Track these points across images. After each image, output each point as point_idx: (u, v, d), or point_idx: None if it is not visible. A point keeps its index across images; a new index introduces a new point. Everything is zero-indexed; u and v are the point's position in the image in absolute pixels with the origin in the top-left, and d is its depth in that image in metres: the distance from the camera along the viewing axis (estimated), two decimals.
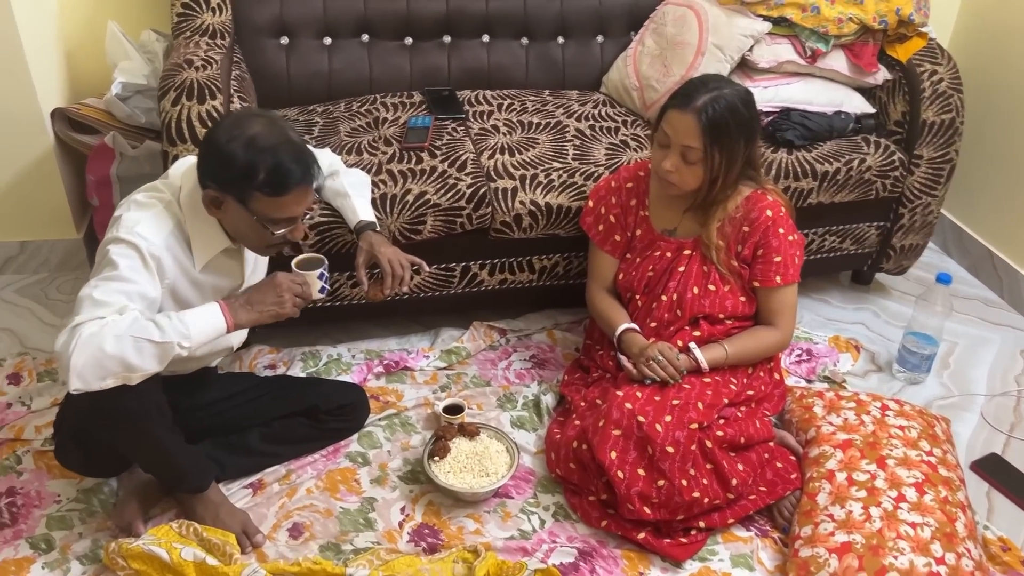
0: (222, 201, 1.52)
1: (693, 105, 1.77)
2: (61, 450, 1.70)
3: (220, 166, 1.49)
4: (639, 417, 1.75)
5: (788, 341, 1.99)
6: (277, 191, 1.50)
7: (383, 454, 1.96)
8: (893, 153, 2.33)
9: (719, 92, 1.78)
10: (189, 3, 2.20)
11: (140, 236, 1.48)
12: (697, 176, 1.83)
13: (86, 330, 1.36)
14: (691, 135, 1.78)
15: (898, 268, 2.55)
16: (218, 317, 1.52)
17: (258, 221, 1.53)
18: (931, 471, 1.79)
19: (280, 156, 1.49)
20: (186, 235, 1.57)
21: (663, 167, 1.83)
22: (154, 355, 1.42)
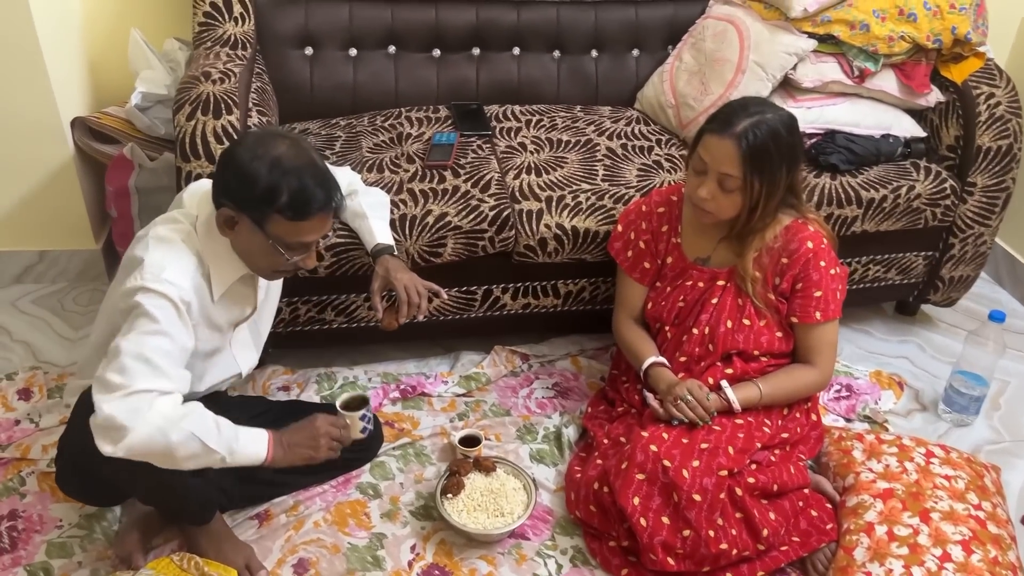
0: (237, 221, 1.46)
1: (732, 130, 1.66)
2: (61, 476, 1.65)
3: (241, 185, 1.42)
4: (665, 461, 1.65)
5: (827, 381, 1.87)
6: (298, 215, 1.43)
7: (395, 486, 1.88)
8: (944, 180, 2.20)
9: (761, 117, 1.67)
10: (211, 12, 2.14)
11: (170, 283, 1.41)
12: (735, 205, 1.72)
13: (158, 410, 1.34)
14: (730, 162, 1.67)
15: (946, 300, 2.41)
16: (262, 447, 1.49)
17: (273, 245, 1.47)
18: (979, 527, 1.67)
19: (305, 179, 1.42)
20: (206, 267, 1.51)
21: (698, 195, 1.72)
22: (198, 460, 1.40)
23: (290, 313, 2.03)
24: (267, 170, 1.41)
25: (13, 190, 2.35)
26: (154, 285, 1.39)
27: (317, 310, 2.04)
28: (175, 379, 1.40)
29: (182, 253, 1.47)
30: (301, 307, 2.03)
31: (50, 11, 2.20)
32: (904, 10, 2.17)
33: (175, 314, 1.41)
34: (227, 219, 1.46)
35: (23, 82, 2.18)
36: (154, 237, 1.47)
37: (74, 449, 1.54)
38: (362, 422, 1.71)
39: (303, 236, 1.47)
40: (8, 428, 1.96)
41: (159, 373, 1.37)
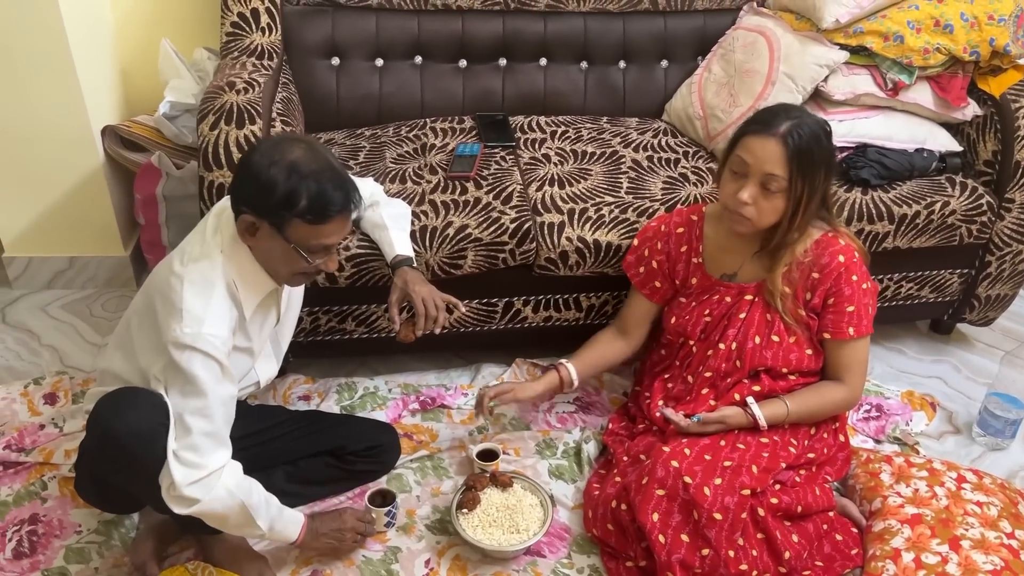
0: (257, 228, 1.46)
1: (777, 130, 1.63)
2: (80, 482, 1.66)
3: (259, 192, 1.42)
4: (686, 478, 1.62)
5: (857, 400, 1.83)
6: (319, 218, 1.43)
7: (412, 499, 1.86)
8: (981, 196, 2.14)
9: (801, 119, 1.65)
10: (239, 23, 2.16)
11: (212, 337, 1.42)
12: (776, 210, 1.68)
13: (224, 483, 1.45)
14: (776, 162, 1.63)
15: (983, 319, 2.34)
16: (296, 531, 1.61)
17: (295, 249, 1.47)
18: (1012, 557, 1.61)
19: (323, 183, 1.42)
20: (235, 290, 1.51)
21: (739, 198, 1.67)
22: (242, 530, 1.54)
23: (311, 323, 2.03)
24: (284, 176, 1.40)
25: (44, 197, 2.39)
26: (198, 344, 1.41)
27: (338, 320, 2.04)
28: (229, 448, 1.49)
29: (217, 295, 1.46)
30: (322, 317, 2.03)
31: (82, 21, 2.23)
32: (940, 21, 2.11)
33: (220, 370, 1.45)
34: (248, 226, 1.46)
35: (55, 92, 2.22)
36: (189, 283, 1.45)
37: (90, 457, 1.55)
38: (387, 517, 1.76)
39: (324, 239, 1.47)
40: (33, 432, 1.98)
41: (223, 442, 1.47)
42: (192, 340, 1.41)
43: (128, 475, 1.47)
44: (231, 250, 1.51)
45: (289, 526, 1.58)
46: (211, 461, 1.43)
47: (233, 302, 1.50)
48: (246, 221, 1.45)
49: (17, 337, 2.33)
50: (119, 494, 1.59)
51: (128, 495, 1.60)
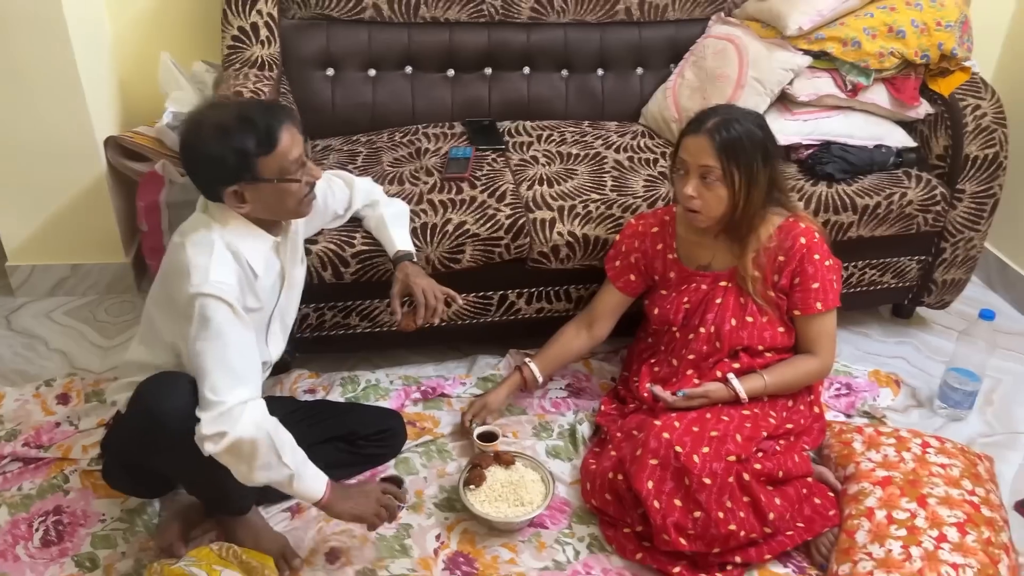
0: (242, 192, 1.57)
1: (705, 127, 1.80)
2: (108, 470, 1.75)
3: (216, 168, 1.53)
4: (677, 447, 1.75)
5: (828, 369, 1.98)
6: (273, 144, 1.53)
7: (419, 481, 1.97)
8: (935, 188, 2.32)
9: (729, 115, 1.82)
10: (239, 36, 2.27)
11: (220, 285, 1.51)
12: (720, 199, 1.83)
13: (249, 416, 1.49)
14: (706, 155, 1.79)
15: (940, 303, 2.52)
16: (322, 486, 1.61)
17: (279, 181, 1.57)
18: (974, 511, 1.76)
19: (250, 120, 1.53)
20: (240, 254, 1.60)
21: (685, 193, 1.84)
22: (269, 472, 1.54)
23: (317, 318, 2.13)
24: (219, 142, 1.51)
25: (48, 207, 2.47)
26: (207, 289, 1.50)
27: (343, 315, 2.15)
28: (255, 377, 1.55)
29: (219, 250, 1.56)
30: (327, 312, 2.13)
31: (85, 36, 2.32)
32: (893, 28, 2.30)
33: (232, 312, 1.52)
34: (235, 196, 1.56)
35: (61, 106, 2.30)
36: (192, 244, 1.57)
37: (127, 441, 1.64)
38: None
39: (290, 155, 1.56)
40: (49, 430, 2.06)
41: (243, 380, 1.51)
42: (201, 288, 1.50)
43: (168, 455, 1.56)
44: (222, 219, 1.61)
45: (315, 481, 1.61)
46: (231, 397, 1.48)
47: (237, 260, 1.59)
48: (230, 194, 1.56)
49: (24, 342, 2.40)
50: (152, 477, 1.69)
51: (160, 477, 1.69)
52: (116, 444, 1.68)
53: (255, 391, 1.54)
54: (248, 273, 1.61)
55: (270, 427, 1.52)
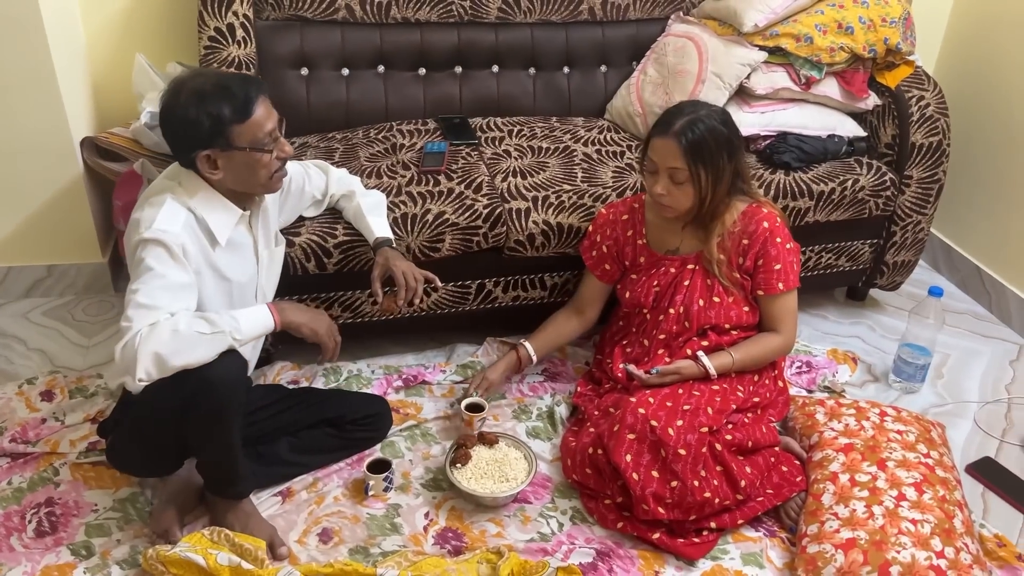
0: (215, 159, 1.63)
1: (672, 130, 1.89)
2: (114, 451, 1.79)
3: (191, 131, 1.60)
4: (652, 421, 1.84)
5: (791, 344, 2.09)
6: (245, 114, 1.60)
7: (405, 463, 2.04)
8: (884, 174, 2.46)
9: (695, 115, 1.91)
10: (216, 36, 2.31)
11: (160, 230, 1.58)
12: (688, 195, 1.94)
13: (151, 328, 1.51)
14: (674, 157, 1.89)
15: (891, 284, 2.67)
16: (267, 315, 1.67)
17: (252, 150, 1.63)
18: (929, 472, 1.88)
19: (228, 88, 1.60)
20: (200, 219, 1.67)
21: (655, 192, 1.95)
22: (209, 345, 1.56)
23: None
24: (196, 106, 1.58)
25: (24, 208, 2.48)
26: (147, 234, 1.57)
27: (325, 306, 2.21)
28: (170, 307, 1.55)
29: (170, 206, 1.62)
30: (309, 304, 2.19)
31: (61, 38, 2.35)
32: (842, 24, 2.43)
33: (168, 256, 1.58)
34: (208, 161, 1.63)
35: (39, 107, 2.32)
36: (146, 201, 1.65)
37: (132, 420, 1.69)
38: (385, 482, 1.92)
39: (263, 126, 1.63)
40: (36, 426, 2.07)
41: (153, 310, 1.54)
42: (143, 234, 1.57)
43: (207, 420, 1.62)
44: (190, 187, 1.67)
45: (255, 314, 1.66)
46: (137, 324, 1.51)
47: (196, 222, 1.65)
48: (202, 158, 1.62)
49: (3, 343, 2.41)
50: (165, 452, 1.74)
51: (174, 452, 1.76)
52: (131, 420, 1.71)
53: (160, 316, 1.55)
54: (205, 236, 1.68)
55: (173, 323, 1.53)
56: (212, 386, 1.58)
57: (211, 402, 1.60)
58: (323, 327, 1.77)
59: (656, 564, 1.81)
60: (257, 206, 1.80)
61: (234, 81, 1.65)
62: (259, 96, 1.64)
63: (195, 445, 1.71)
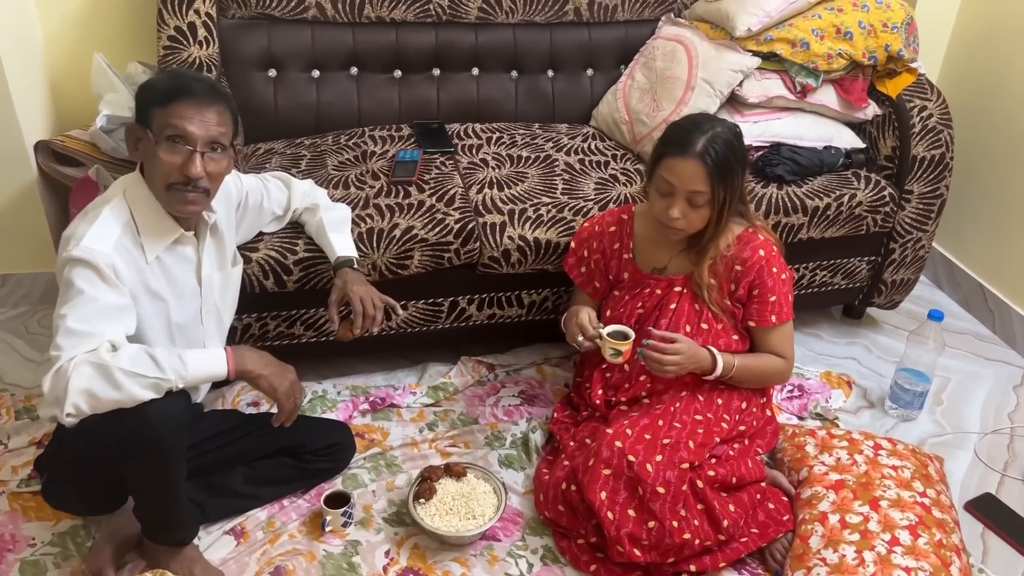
0: (139, 137, 1.55)
1: (694, 150, 1.74)
2: (50, 488, 1.66)
3: (138, 97, 1.55)
4: (629, 456, 1.72)
5: (790, 370, 1.97)
6: (168, 98, 1.51)
7: (368, 495, 1.92)
8: (883, 188, 2.33)
9: (713, 131, 1.77)
10: (176, 36, 2.18)
11: (89, 249, 1.47)
12: (703, 218, 1.82)
13: (84, 359, 1.39)
14: (698, 180, 1.75)
15: (889, 303, 2.54)
16: (220, 360, 1.54)
17: (155, 141, 1.52)
18: (925, 513, 1.76)
19: (183, 75, 1.58)
20: (138, 234, 1.57)
21: (670, 216, 1.79)
22: (150, 388, 1.44)
23: (260, 328, 2.06)
24: (157, 77, 1.58)
25: None
26: (75, 253, 1.46)
27: (286, 325, 2.08)
28: (106, 335, 1.44)
29: (103, 221, 1.52)
30: (271, 322, 2.06)
31: (11, 36, 2.22)
32: (841, 29, 2.30)
33: (97, 276, 1.47)
34: (132, 138, 1.56)
35: None
36: (81, 214, 1.56)
37: (70, 456, 1.57)
38: (344, 517, 1.80)
39: (173, 121, 1.50)
40: None
41: (86, 337, 1.42)
42: (71, 253, 1.47)
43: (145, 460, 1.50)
44: (132, 189, 1.59)
45: (207, 364, 1.53)
46: (67, 353, 1.41)
47: (131, 237, 1.56)
48: (130, 132, 1.56)
49: None
50: (103, 491, 1.63)
51: (112, 491, 1.65)
52: (65, 457, 1.59)
53: (95, 343, 1.43)
54: (139, 252, 1.58)
55: (112, 359, 1.41)
56: (151, 425, 1.46)
57: (150, 442, 1.47)
58: (284, 385, 1.62)
59: None
60: (205, 225, 1.68)
61: (193, 76, 1.60)
62: (201, 97, 1.52)
63: (133, 486, 1.58)
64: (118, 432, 1.46)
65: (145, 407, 1.45)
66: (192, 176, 1.53)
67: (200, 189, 1.56)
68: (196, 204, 1.59)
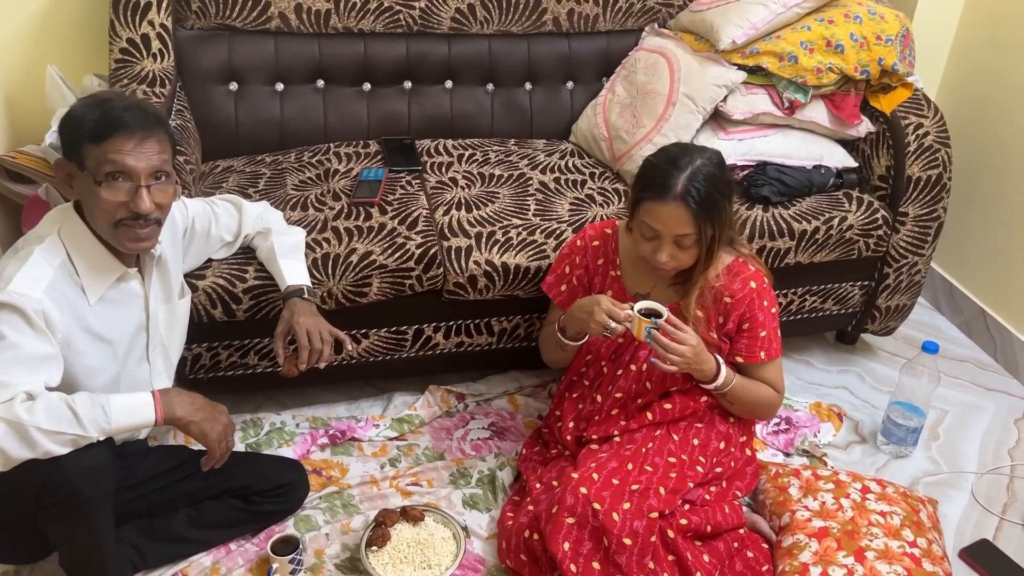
0: (72, 175, 1.45)
1: (675, 193, 1.62)
2: None
3: (64, 131, 1.45)
4: (595, 504, 1.60)
5: (780, 404, 1.88)
6: (100, 137, 1.41)
7: (320, 538, 1.80)
8: (877, 210, 2.20)
9: (692, 167, 1.64)
10: (128, 49, 2.08)
11: (17, 294, 1.38)
12: (692, 256, 1.71)
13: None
14: (683, 224, 1.64)
15: (884, 329, 2.41)
16: (147, 407, 1.45)
17: (92, 181, 1.41)
18: (914, 565, 1.65)
19: (110, 105, 1.44)
20: (77, 275, 1.48)
21: (658, 260, 1.68)
22: (67, 442, 1.36)
23: (211, 358, 1.95)
24: (81, 107, 1.44)
25: None
26: (2, 297, 1.37)
27: (239, 355, 1.97)
28: (21, 385, 1.35)
29: (34, 262, 1.43)
30: (222, 352, 1.95)
31: None
32: (831, 42, 2.17)
33: (25, 324, 1.38)
34: (63, 174, 1.46)
35: None
36: (11, 252, 1.46)
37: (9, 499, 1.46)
38: (292, 564, 1.69)
39: (111, 155, 1.41)
40: None
41: (5, 387, 1.34)
42: None
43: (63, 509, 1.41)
44: (67, 227, 1.49)
45: (132, 411, 1.43)
46: None
47: (68, 278, 1.47)
48: (59, 167, 1.46)
49: None
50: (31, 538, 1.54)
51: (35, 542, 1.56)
52: None
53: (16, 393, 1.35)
54: (78, 294, 1.48)
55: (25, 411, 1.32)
56: (66, 476, 1.36)
57: (66, 493, 1.38)
58: (215, 431, 1.53)
59: None
60: (151, 259, 1.59)
61: (123, 102, 1.46)
62: (136, 128, 1.42)
63: (52, 539, 1.48)
64: (32, 485, 1.37)
65: (60, 458, 1.35)
66: (141, 212, 1.44)
67: (152, 221, 1.47)
68: (150, 239, 1.50)
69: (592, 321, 1.69)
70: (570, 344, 1.83)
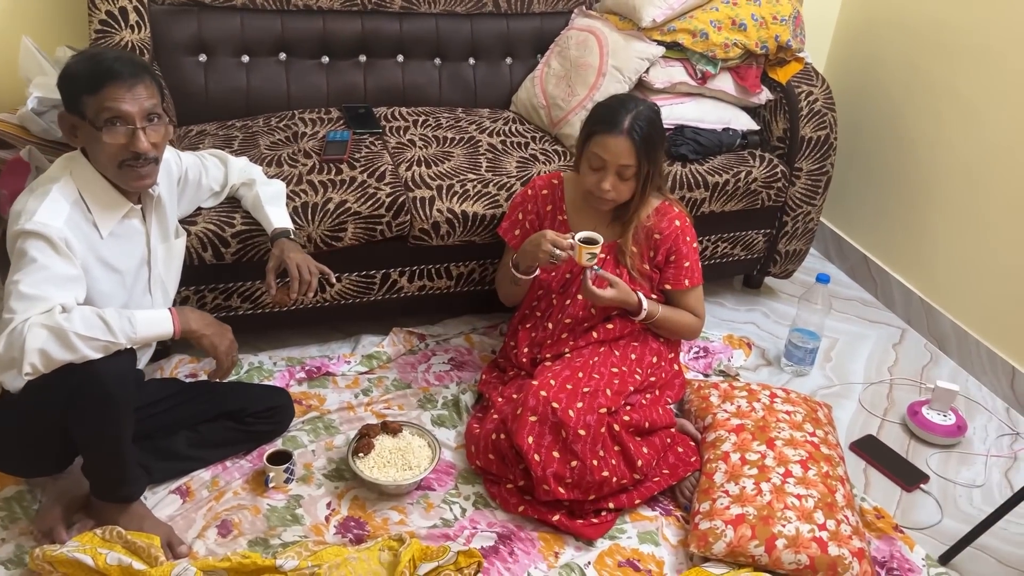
0: (75, 125, 1.60)
1: (623, 127, 1.92)
2: None
3: (63, 86, 1.59)
4: (554, 403, 1.88)
5: (701, 328, 2.19)
6: (95, 88, 1.56)
7: (308, 454, 2.02)
8: (776, 166, 2.56)
9: (637, 110, 1.95)
10: (107, 20, 2.24)
11: (42, 224, 1.54)
12: (630, 189, 2.00)
13: (37, 320, 1.47)
14: (627, 155, 1.93)
15: (784, 272, 2.78)
16: (167, 320, 1.64)
17: (94, 128, 1.57)
18: (814, 450, 1.98)
19: (101, 58, 1.58)
20: (89, 210, 1.64)
21: (602, 188, 1.96)
22: (101, 348, 1.53)
23: (197, 301, 2.14)
24: (75, 62, 1.59)
25: None
26: (28, 227, 1.53)
27: (224, 297, 2.16)
28: (56, 299, 1.52)
29: (54, 197, 1.58)
30: (208, 295, 2.15)
31: None
32: (736, 21, 2.52)
33: (50, 248, 1.54)
34: (66, 126, 1.61)
35: None
36: (29, 190, 1.61)
37: (24, 415, 1.61)
38: (286, 473, 1.90)
39: (107, 103, 1.56)
40: None
41: (39, 301, 1.50)
42: (24, 226, 1.53)
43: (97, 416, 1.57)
44: (78, 169, 1.64)
45: (154, 323, 1.62)
46: (19, 317, 1.48)
47: (82, 214, 1.62)
48: (63, 120, 1.61)
49: None
50: (51, 451, 1.69)
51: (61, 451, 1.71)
52: (12, 418, 1.63)
53: (49, 305, 1.51)
54: (91, 228, 1.64)
55: (63, 320, 1.49)
56: (99, 378, 1.54)
57: (98, 393, 1.55)
58: (224, 344, 1.73)
59: (556, 545, 1.85)
60: (150, 199, 1.76)
61: (112, 55, 1.61)
62: (127, 77, 1.58)
63: (81, 442, 1.65)
64: (66, 385, 1.53)
65: (94, 362, 1.53)
66: (140, 151, 1.61)
67: (150, 160, 1.64)
68: (150, 176, 1.67)
69: (540, 251, 1.96)
70: (523, 278, 2.10)
